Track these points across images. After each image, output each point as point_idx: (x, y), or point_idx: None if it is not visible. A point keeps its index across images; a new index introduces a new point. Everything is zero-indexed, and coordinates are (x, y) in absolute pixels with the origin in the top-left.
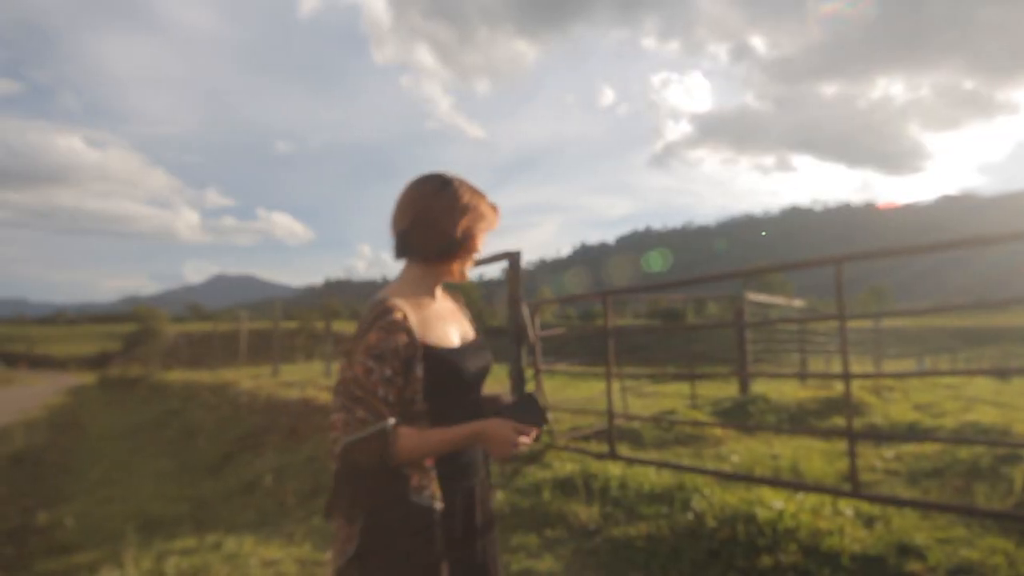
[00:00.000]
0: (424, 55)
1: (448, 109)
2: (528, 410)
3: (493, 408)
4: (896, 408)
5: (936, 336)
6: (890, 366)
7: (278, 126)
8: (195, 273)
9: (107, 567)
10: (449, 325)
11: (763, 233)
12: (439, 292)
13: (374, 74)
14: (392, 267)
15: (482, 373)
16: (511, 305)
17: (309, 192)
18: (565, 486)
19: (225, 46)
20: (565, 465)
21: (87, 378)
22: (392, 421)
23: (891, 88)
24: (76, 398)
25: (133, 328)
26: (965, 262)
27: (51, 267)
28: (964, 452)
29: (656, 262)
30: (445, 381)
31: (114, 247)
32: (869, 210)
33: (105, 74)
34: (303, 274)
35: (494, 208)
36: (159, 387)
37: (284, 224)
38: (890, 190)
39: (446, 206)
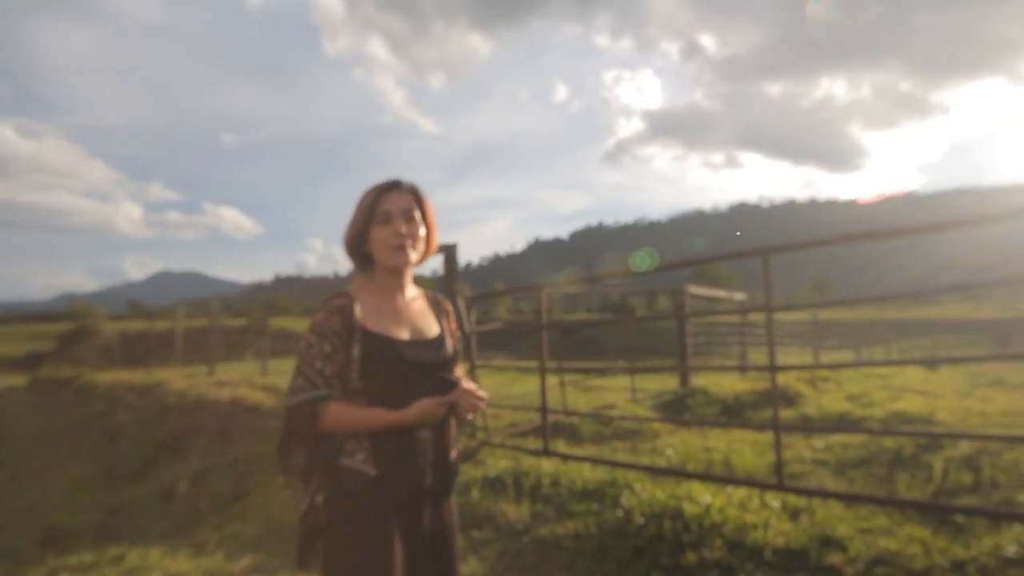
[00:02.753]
0: (377, 48)
1: (402, 103)
2: (443, 386)
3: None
4: (829, 399)
5: (873, 328)
6: (828, 357)
7: (226, 118)
8: (137, 269)
9: None
10: (402, 319)
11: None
12: (409, 291)
13: (326, 66)
14: (343, 262)
15: (428, 366)
16: (447, 298)
17: (258, 186)
18: (496, 485)
19: (170, 35)
20: (498, 463)
21: (16, 380)
22: (323, 392)
23: (833, 88)
24: None
25: (69, 327)
26: (904, 258)
27: None
28: (889, 441)
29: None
30: (381, 364)
31: (50, 242)
32: (813, 206)
33: (40, 62)
34: (252, 270)
35: (380, 189)
36: (86, 388)
37: (232, 219)
38: (832, 187)
39: (352, 217)
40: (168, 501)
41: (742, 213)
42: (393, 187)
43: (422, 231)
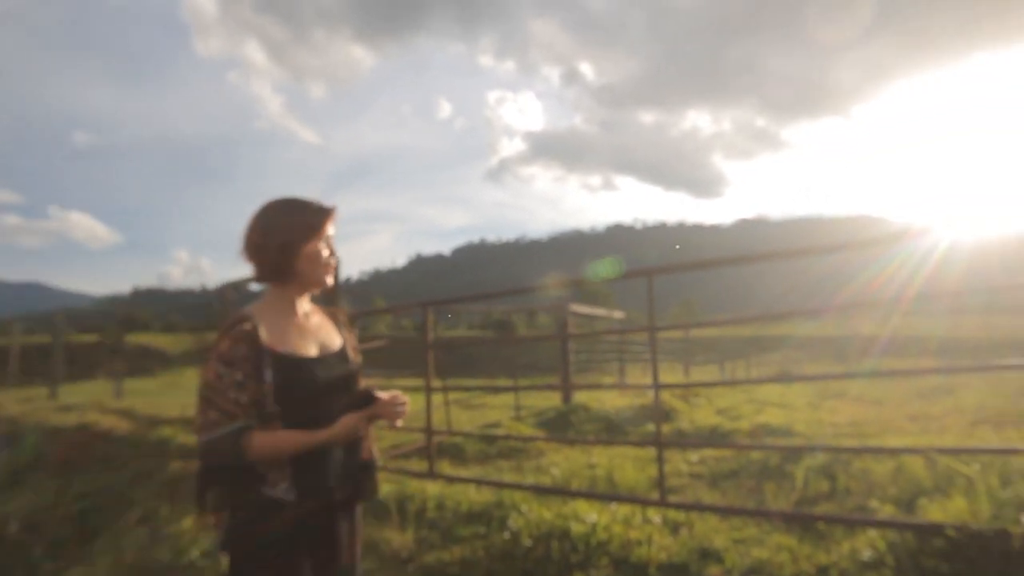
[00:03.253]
0: (254, 51)
1: (279, 110)
2: (367, 399)
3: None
4: (701, 413)
5: (733, 344)
6: (696, 372)
7: (78, 115)
8: None
9: None
10: (308, 336)
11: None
12: (304, 307)
13: (196, 67)
14: (211, 274)
15: (340, 381)
16: None
17: (116, 190)
18: (379, 510)
19: (11, 23)
20: (381, 487)
21: None
22: (243, 423)
23: (699, 120)
24: None
25: None
26: (761, 279)
27: None
28: (756, 453)
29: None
30: (296, 386)
31: None
32: (682, 228)
33: None
34: (106, 282)
35: (320, 211)
36: None
37: (84, 225)
38: (699, 211)
39: (261, 230)
40: None
41: (617, 233)
42: (333, 211)
43: None
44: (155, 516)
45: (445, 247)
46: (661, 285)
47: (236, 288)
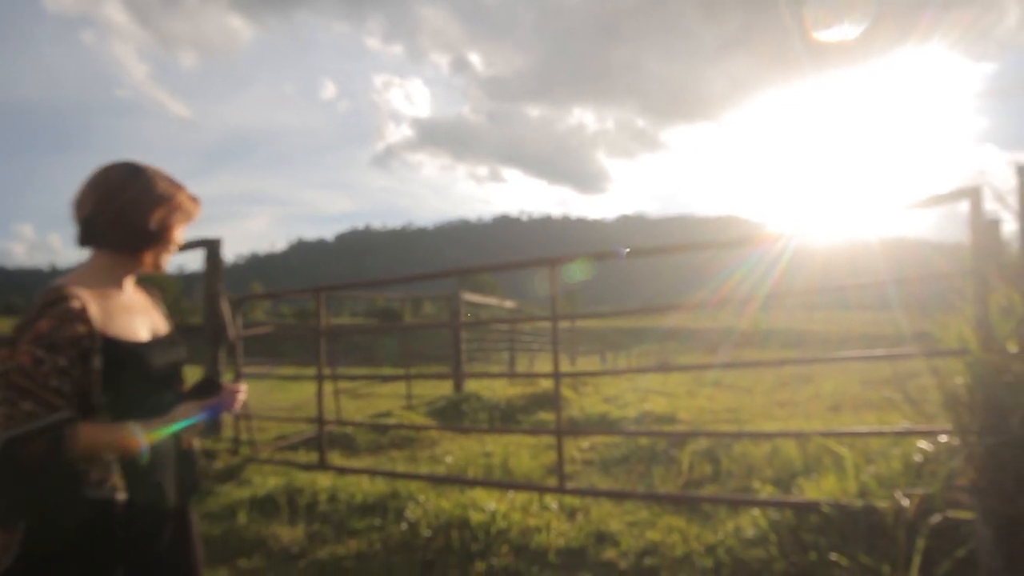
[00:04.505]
0: (114, 11)
1: (144, 78)
2: (208, 388)
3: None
4: (589, 401)
5: (613, 334)
6: (580, 361)
7: None
8: None
9: None
10: (137, 318)
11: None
12: (129, 284)
13: (44, 23)
14: (62, 253)
15: (172, 368)
16: (208, 299)
17: None
18: (266, 505)
19: None
20: (267, 480)
21: None
22: (66, 414)
23: (584, 117)
24: None
25: None
26: (639, 272)
27: None
28: (645, 439)
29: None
30: (127, 374)
31: None
32: (565, 222)
33: None
34: None
35: (193, 199)
36: None
37: None
38: (582, 206)
39: (138, 195)
40: None
41: (504, 225)
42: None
43: None
44: None
45: (328, 232)
46: (540, 277)
47: None
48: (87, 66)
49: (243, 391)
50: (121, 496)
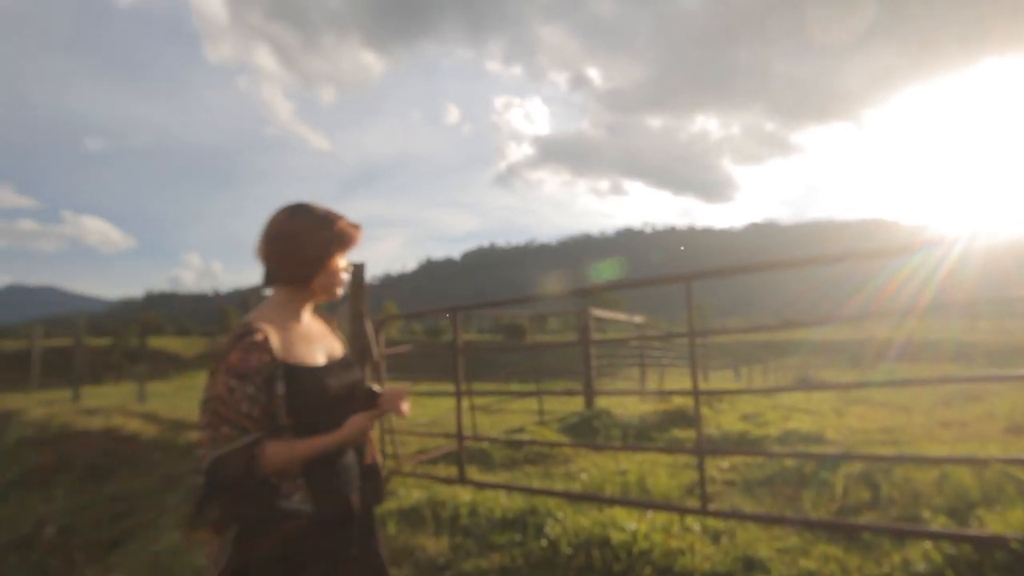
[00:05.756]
0: (264, 57)
1: (290, 116)
2: (369, 398)
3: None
4: (726, 418)
5: (747, 348)
6: (713, 376)
7: (89, 121)
8: None
9: None
10: (314, 344)
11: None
12: (306, 314)
13: (207, 73)
14: (223, 278)
15: (349, 388)
16: (354, 321)
17: (128, 194)
18: (411, 517)
19: (25, 29)
20: (411, 493)
21: None
22: (256, 435)
23: (707, 124)
24: None
25: None
26: (771, 282)
27: None
28: (790, 460)
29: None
30: (308, 397)
31: None
32: (691, 233)
33: None
34: (120, 285)
35: (353, 227)
36: None
37: (98, 229)
38: (708, 215)
39: (296, 233)
40: (28, 549)
41: (627, 238)
42: (360, 228)
43: None
44: (186, 521)
45: (455, 251)
46: (667, 290)
47: (259, 294)
48: (241, 108)
49: (401, 390)
50: (308, 507)
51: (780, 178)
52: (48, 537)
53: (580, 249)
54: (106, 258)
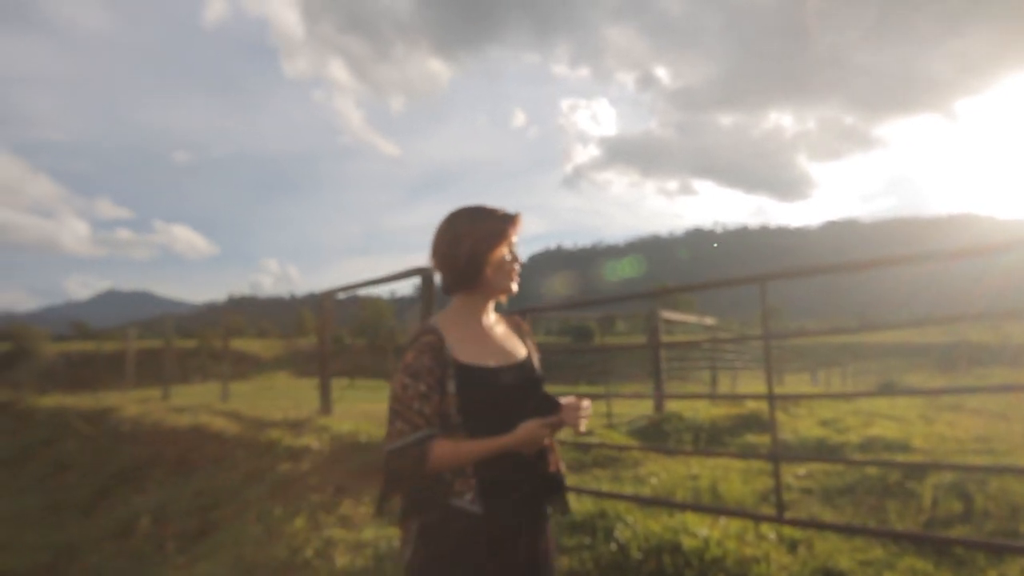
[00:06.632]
0: (337, 69)
1: (361, 124)
2: (546, 404)
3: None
4: (803, 424)
5: (824, 350)
6: (789, 379)
7: (177, 135)
8: (81, 288)
9: None
10: (491, 345)
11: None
12: (486, 315)
13: (284, 87)
14: (299, 282)
15: (522, 390)
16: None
17: (211, 204)
18: None
19: (118, 47)
20: None
21: None
22: (427, 432)
23: (781, 120)
24: None
25: (4, 348)
26: (847, 281)
27: None
28: (873, 469)
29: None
30: (478, 396)
31: None
32: (764, 232)
33: None
34: (204, 290)
35: (506, 218)
36: (26, 414)
37: (184, 237)
38: (782, 214)
39: (449, 239)
40: (125, 538)
41: (697, 238)
42: (518, 217)
43: None
44: (269, 515)
45: (523, 253)
46: (739, 290)
47: (332, 297)
48: (315, 119)
49: (586, 405)
50: (479, 509)
51: (860, 174)
52: (143, 526)
53: (649, 250)
54: (192, 264)
